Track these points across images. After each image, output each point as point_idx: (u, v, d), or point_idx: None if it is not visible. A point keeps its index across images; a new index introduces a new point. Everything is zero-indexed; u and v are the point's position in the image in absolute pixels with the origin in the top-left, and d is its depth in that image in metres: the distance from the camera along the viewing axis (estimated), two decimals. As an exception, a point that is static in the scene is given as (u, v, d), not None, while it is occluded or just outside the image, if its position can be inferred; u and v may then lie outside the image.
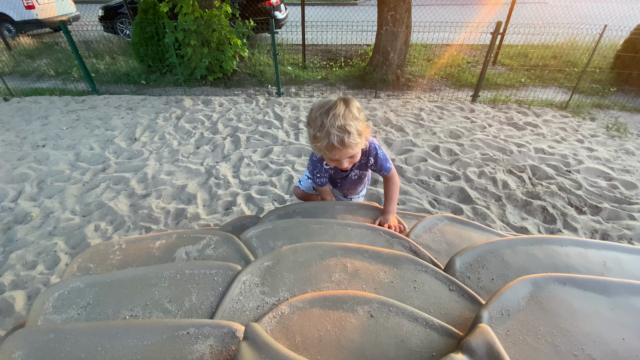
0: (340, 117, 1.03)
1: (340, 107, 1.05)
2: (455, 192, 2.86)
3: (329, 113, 1.04)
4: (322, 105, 1.08)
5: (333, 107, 1.05)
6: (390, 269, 0.71)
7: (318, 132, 1.06)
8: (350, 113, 1.06)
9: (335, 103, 1.06)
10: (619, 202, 2.71)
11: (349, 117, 1.05)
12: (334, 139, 1.03)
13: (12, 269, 2.19)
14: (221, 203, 2.75)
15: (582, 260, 0.70)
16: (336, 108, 1.05)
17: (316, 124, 1.06)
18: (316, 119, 1.07)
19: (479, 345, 0.46)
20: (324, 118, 1.04)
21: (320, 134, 1.05)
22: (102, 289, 0.66)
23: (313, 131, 1.08)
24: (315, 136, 1.07)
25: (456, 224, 1.05)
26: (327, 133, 1.03)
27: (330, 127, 1.03)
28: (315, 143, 1.09)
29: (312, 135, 1.09)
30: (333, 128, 1.02)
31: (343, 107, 1.05)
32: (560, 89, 5.05)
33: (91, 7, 10.16)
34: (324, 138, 1.04)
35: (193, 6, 4.45)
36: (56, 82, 5.52)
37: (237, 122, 4.03)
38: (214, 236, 0.90)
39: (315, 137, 1.07)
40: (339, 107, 1.05)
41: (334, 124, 1.02)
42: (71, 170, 3.19)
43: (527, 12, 10.10)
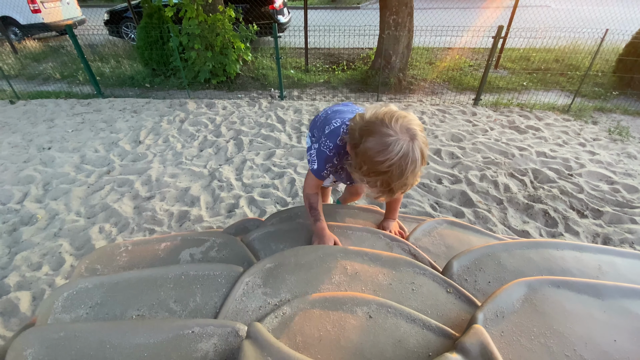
0: (416, 173, 0.84)
1: (416, 154, 0.83)
2: (457, 196, 2.87)
3: (408, 159, 0.81)
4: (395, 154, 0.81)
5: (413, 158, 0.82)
6: (389, 272, 0.73)
7: (388, 174, 0.81)
8: (422, 161, 0.85)
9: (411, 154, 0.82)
10: (620, 205, 2.71)
11: (420, 169, 0.85)
12: (398, 187, 0.84)
13: (17, 270, 2.22)
14: (224, 205, 2.77)
15: (578, 264, 0.71)
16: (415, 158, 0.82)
17: (390, 163, 0.80)
18: (391, 159, 0.80)
19: (473, 345, 0.48)
20: (404, 164, 0.81)
21: (390, 177, 0.82)
22: (109, 289, 0.68)
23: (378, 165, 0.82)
24: (375, 182, 0.85)
25: (455, 227, 1.07)
26: (402, 183, 0.83)
27: (408, 177, 0.82)
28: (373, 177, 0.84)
29: (368, 181, 0.87)
30: (409, 177, 0.83)
31: (419, 155, 0.83)
32: (562, 93, 5.05)
33: (96, 11, 10.29)
34: (384, 185, 0.84)
35: (197, 11, 4.50)
36: (62, 85, 5.59)
37: (240, 125, 4.07)
38: (218, 239, 0.92)
39: (374, 183, 0.85)
40: (416, 155, 0.82)
41: (411, 173, 0.83)
42: (76, 172, 3.23)
43: (530, 15, 10.12)
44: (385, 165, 0.81)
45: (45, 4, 8.28)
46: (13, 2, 7.77)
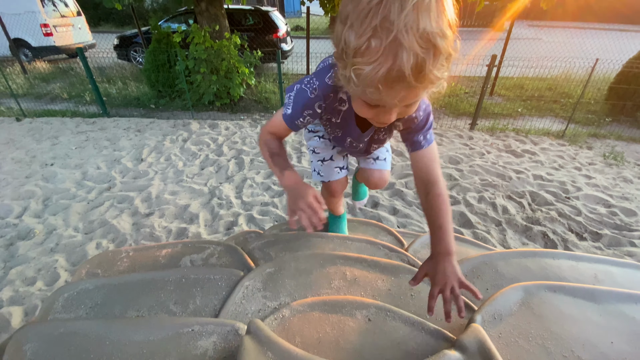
0: (428, 12, 0.47)
1: None
2: (456, 217, 2.88)
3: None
4: None
5: None
6: (388, 278, 0.74)
7: (372, 38, 0.49)
8: (442, 5, 0.49)
9: None
10: (619, 228, 2.71)
11: (441, 13, 0.49)
12: (407, 60, 0.48)
13: (11, 285, 2.18)
14: (223, 223, 2.77)
15: (574, 273, 0.72)
16: None
17: (368, 19, 0.49)
18: (370, 7, 0.48)
19: (471, 342, 0.48)
20: (391, 7, 0.47)
21: (376, 42, 0.49)
22: (110, 290, 0.68)
23: (356, 36, 0.50)
24: (361, 49, 0.50)
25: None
26: (396, 44, 0.47)
27: (405, 30, 0.47)
28: (356, 66, 0.52)
29: (355, 47, 0.51)
30: (409, 33, 0.47)
31: None
32: (556, 119, 5.19)
33: (107, 36, 10.73)
34: (383, 55, 0.49)
35: (204, 37, 4.71)
36: (68, 104, 5.73)
37: (241, 145, 4.14)
38: (218, 246, 0.93)
39: (360, 51, 0.50)
40: None
41: (413, 25, 0.47)
42: (77, 188, 3.25)
43: (522, 47, 10.55)
44: (356, 5, 0.49)
45: (57, 27, 8.65)
46: (26, 25, 8.11)
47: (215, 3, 5.12)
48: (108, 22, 15.00)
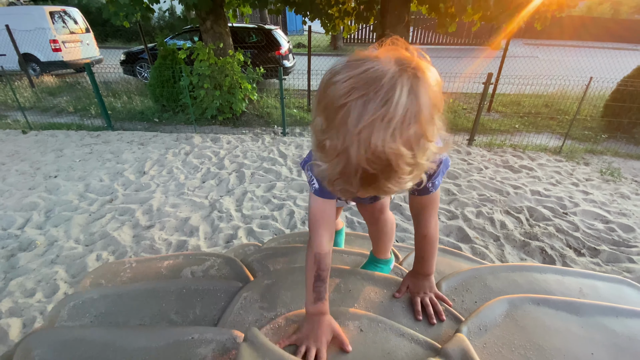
0: (386, 129, 0.45)
1: (402, 93, 0.45)
2: (454, 231, 2.90)
3: (369, 106, 0.45)
4: (363, 74, 0.47)
5: (386, 93, 0.45)
6: (380, 290, 0.77)
7: (329, 139, 0.49)
8: (417, 114, 0.46)
9: (392, 82, 0.45)
10: (617, 244, 2.72)
11: (403, 130, 0.46)
12: (354, 172, 0.48)
13: (10, 296, 2.19)
14: (222, 236, 2.79)
15: (560, 287, 0.75)
16: (393, 96, 0.45)
17: (331, 118, 0.48)
18: (335, 107, 0.47)
19: (455, 350, 0.51)
20: (351, 114, 0.46)
21: (332, 145, 0.48)
22: (114, 300, 0.71)
23: (321, 130, 0.50)
24: (321, 144, 0.50)
25: (447, 255, 1.11)
26: (346, 155, 0.47)
27: (357, 144, 0.46)
28: (316, 160, 0.53)
29: (318, 141, 0.51)
30: (360, 149, 0.46)
31: (406, 96, 0.46)
32: (553, 135, 5.26)
33: (113, 52, 11.00)
34: (337, 159, 0.48)
35: (209, 54, 4.85)
36: (74, 117, 5.84)
37: (243, 158, 4.20)
38: (218, 258, 0.96)
39: (320, 146, 0.51)
40: (397, 92, 0.45)
41: (365, 141, 0.45)
42: (79, 200, 3.29)
43: (519, 64, 10.77)
44: (338, 93, 0.46)
45: (66, 43, 8.90)
46: (35, 41, 8.35)
47: (219, 22, 5.30)
48: (115, 38, 15.41)
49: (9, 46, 7.58)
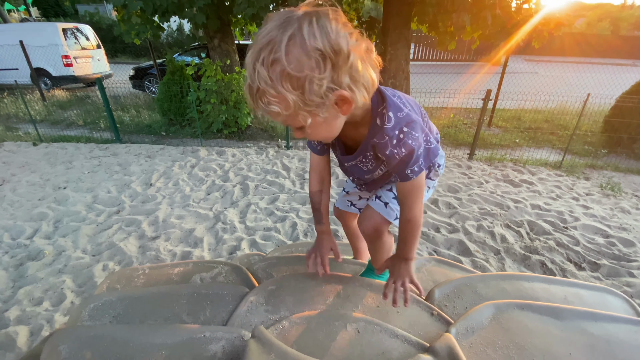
0: (259, 57, 0.57)
1: (288, 28, 0.56)
2: (455, 245, 2.93)
3: (261, 34, 0.58)
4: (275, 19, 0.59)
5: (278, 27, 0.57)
6: (377, 296, 0.82)
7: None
8: (299, 44, 0.55)
9: (287, 18, 0.57)
10: (617, 259, 2.74)
11: (274, 62, 0.56)
12: (246, 85, 0.62)
13: (19, 304, 2.24)
14: (226, 247, 2.84)
15: (546, 294, 0.79)
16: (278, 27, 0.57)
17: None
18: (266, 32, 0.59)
19: (442, 348, 0.56)
20: (254, 41, 0.60)
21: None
22: (131, 302, 0.77)
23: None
24: None
25: (443, 265, 1.16)
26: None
27: (248, 64, 0.60)
28: None
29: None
30: (248, 68, 0.60)
31: (292, 29, 0.55)
32: (553, 150, 5.32)
33: (123, 67, 11.33)
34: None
35: (216, 70, 5.02)
36: (83, 130, 6.00)
37: (247, 171, 4.28)
38: (225, 266, 1.02)
39: None
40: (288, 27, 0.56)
41: (249, 63, 0.59)
42: (87, 211, 3.37)
43: (520, 80, 10.95)
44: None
45: (77, 59, 9.21)
46: (48, 56, 8.66)
47: (227, 40, 5.50)
48: (125, 54, 15.89)
49: (22, 60, 7.86)
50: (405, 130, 0.74)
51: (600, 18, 27.36)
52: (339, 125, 0.72)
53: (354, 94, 0.63)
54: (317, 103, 0.61)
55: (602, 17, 27.46)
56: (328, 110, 0.64)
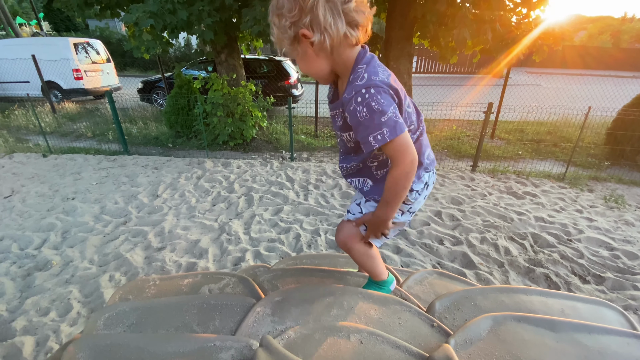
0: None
1: None
2: (459, 257, 2.93)
3: None
4: None
5: None
6: (380, 308, 0.85)
7: None
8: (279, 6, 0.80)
9: None
10: (622, 272, 2.72)
11: (278, 7, 0.80)
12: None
13: (26, 315, 2.27)
14: (230, 258, 2.87)
15: (543, 307, 0.82)
16: None
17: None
18: None
19: (440, 357, 0.59)
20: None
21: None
22: (143, 312, 0.81)
23: None
24: None
25: (444, 278, 1.19)
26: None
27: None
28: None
29: None
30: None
31: None
32: (556, 162, 5.33)
33: (131, 80, 11.61)
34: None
35: (222, 84, 5.15)
36: (92, 142, 6.13)
37: (252, 182, 4.34)
38: (233, 278, 1.06)
39: None
40: None
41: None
42: (95, 222, 3.42)
43: (522, 92, 11.05)
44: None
45: (87, 72, 9.46)
46: (58, 69, 8.91)
47: (233, 55, 5.66)
48: (133, 67, 16.28)
49: (33, 73, 8.09)
50: (372, 92, 0.78)
51: (601, 31, 27.65)
52: (320, 66, 0.86)
53: (312, 34, 0.79)
54: (287, 34, 0.81)
55: (602, 30, 27.75)
56: (300, 45, 0.83)
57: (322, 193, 4.06)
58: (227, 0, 4.25)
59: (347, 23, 0.79)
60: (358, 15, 0.79)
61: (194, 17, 4.23)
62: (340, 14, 0.77)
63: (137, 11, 4.06)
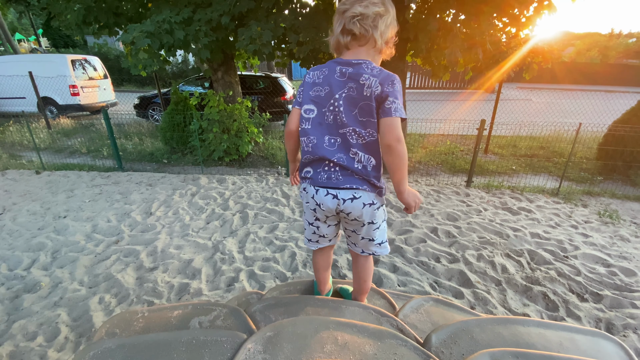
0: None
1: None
2: (455, 275, 2.91)
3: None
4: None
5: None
6: (375, 343, 0.83)
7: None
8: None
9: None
10: (619, 289, 2.71)
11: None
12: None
13: (12, 339, 2.20)
14: (224, 279, 2.82)
15: (542, 340, 0.80)
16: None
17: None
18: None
19: (437, 403, 0.57)
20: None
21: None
22: (129, 350, 0.78)
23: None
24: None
25: (441, 305, 1.17)
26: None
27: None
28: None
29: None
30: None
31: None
32: (550, 177, 5.38)
33: (127, 95, 11.67)
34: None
35: (219, 101, 5.19)
36: (86, 158, 6.09)
37: (247, 199, 4.31)
38: (224, 309, 1.03)
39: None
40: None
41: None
42: (86, 241, 3.36)
43: (514, 107, 11.26)
44: None
45: (84, 88, 9.50)
46: (55, 85, 8.95)
47: (230, 72, 5.72)
48: (130, 83, 16.40)
49: (29, 89, 8.10)
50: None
51: (589, 47, 28.50)
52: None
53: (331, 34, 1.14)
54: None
55: (590, 47, 28.60)
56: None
57: (318, 210, 4.04)
58: (223, 20, 4.33)
59: (341, 32, 1.11)
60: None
61: (191, 36, 4.30)
62: (337, 23, 1.12)
63: (134, 31, 4.12)
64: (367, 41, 1.07)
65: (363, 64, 1.07)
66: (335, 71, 1.09)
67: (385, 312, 1.07)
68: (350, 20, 1.04)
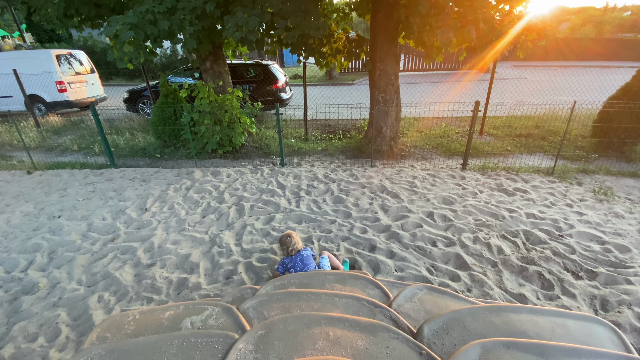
0: None
1: None
2: (452, 258, 2.93)
3: None
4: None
5: None
6: (366, 337, 0.82)
7: None
8: None
9: None
10: (614, 266, 2.75)
11: None
12: None
13: (13, 341, 2.21)
14: (222, 272, 2.82)
15: (534, 327, 0.80)
16: None
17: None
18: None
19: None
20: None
21: None
22: (120, 355, 0.77)
23: None
24: None
25: (434, 293, 1.16)
26: None
27: None
28: None
29: None
30: None
31: None
32: (545, 156, 5.38)
33: (117, 89, 11.42)
34: None
35: (209, 92, 5.08)
36: (78, 156, 6.00)
37: (242, 191, 4.29)
38: (216, 307, 1.02)
39: None
40: None
41: None
42: (82, 240, 3.35)
43: (509, 86, 11.16)
44: None
45: (71, 84, 9.27)
46: (41, 82, 8.73)
47: (219, 62, 5.59)
48: (119, 76, 16.04)
49: (16, 88, 7.90)
50: None
51: (584, 22, 28.10)
52: None
53: None
54: None
55: (585, 21, 28.20)
56: None
57: (314, 199, 4.03)
58: (208, 8, 4.18)
59: None
60: None
61: (176, 26, 4.16)
62: None
63: (117, 23, 3.98)
64: None
65: None
66: None
67: (379, 303, 1.07)
68: None
